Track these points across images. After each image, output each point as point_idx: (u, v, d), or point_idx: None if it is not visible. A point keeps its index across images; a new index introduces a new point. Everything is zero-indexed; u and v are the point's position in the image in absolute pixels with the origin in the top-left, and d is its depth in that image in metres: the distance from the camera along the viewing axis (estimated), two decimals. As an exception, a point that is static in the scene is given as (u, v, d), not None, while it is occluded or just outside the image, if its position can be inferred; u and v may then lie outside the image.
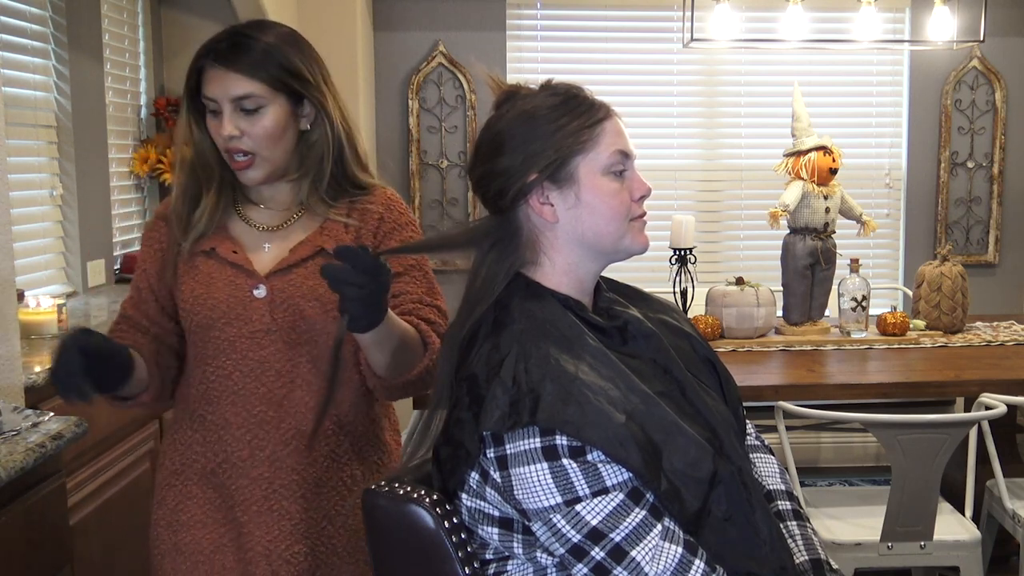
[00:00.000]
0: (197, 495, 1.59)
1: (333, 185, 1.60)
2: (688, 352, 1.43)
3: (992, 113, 4.35)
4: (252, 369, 1.55)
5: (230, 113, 1.50)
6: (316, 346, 1.56)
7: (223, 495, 1.57)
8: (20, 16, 2.88)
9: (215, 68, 1.50)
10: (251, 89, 1.50)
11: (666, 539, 1.19)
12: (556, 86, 1.36)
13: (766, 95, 4.30)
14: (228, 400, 1.56)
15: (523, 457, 1.19)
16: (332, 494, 1.59)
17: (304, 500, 1.57)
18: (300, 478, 1.57)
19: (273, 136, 1.53)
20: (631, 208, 1.35)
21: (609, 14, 4.25)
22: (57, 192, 3.10)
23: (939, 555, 2.44)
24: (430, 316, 1.58)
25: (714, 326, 3.09)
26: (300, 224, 1.60)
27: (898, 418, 2.30)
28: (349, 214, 1.60)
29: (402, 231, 1.64)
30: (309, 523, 1.57)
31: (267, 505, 1.56)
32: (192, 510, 1.58)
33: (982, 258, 4.43)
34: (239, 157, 1.52)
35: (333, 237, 1.58)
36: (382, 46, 4.18)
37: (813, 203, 3.11)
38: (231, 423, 1.56)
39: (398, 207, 1.66)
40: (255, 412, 1.56)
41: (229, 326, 1.55)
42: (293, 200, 1.62)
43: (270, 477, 1.56)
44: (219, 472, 1.57)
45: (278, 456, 1.56)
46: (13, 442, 1.60)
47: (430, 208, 4.26)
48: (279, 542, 1.56)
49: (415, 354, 1.51)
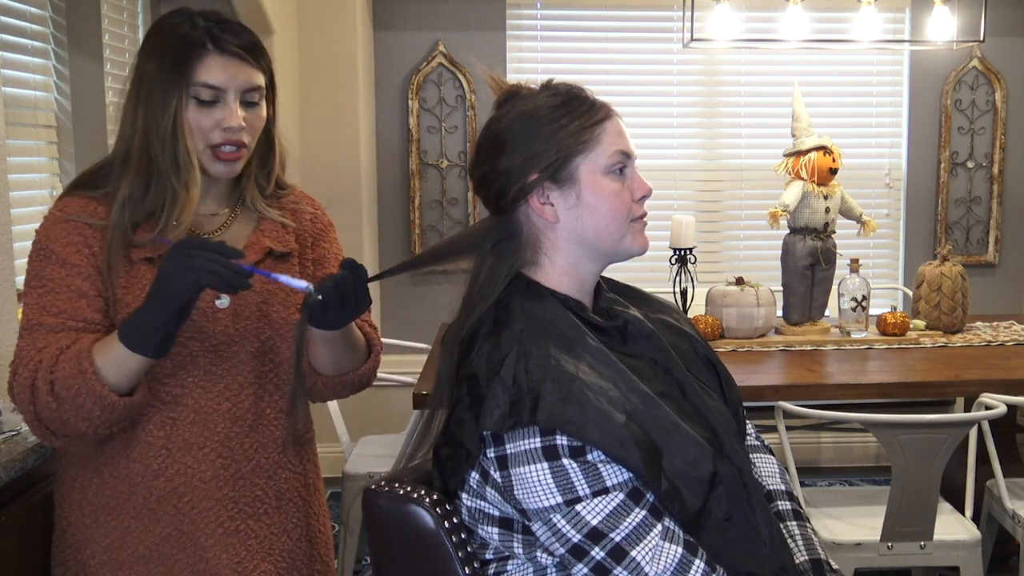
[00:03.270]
0: (135, 530, 1.44)
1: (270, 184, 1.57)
2: (688, 352, 1.43)
3: (992, 113, 4.35)
4: (215, 384, 1.46)
5: (237, 103, 1.43)
6: (279, 352, 1.51)
7: (176, 524, 1.45)
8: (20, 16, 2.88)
9: (223, 55, 1.41)
10: (260, 81, 1.46)
11: (666, 539, 1.19)
12: (557, 86, 1.37)
13: (766, 95, 4.30)
14: (189, 420, 1.44)
15: (523, 457, 1.19)
16: (290, 507, 1.56)
17: (266, 516, 1.52)
18: (263, 493, 1.51)
19: (260, 129, 1.49)
20: (632, 208, 1.35)
21: (609, 14, 4.25)
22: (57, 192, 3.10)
23: (939, 555, 2.44)
24: (368, 319, 1.60)
25: (714, 326, 3.09)
26: (236, 225, 1.53)
27: (898, 418, 2.29)
28: (282, 214, 1.57)
29: (330, 231, 1.65)
30: (271, 539, 1.52)
31: (232, 526, 1.48)
32: (132, 546, 1.44)
33: (982, 258, 4.43)
34: (229, 149, 1.44)
35: (275, 237, 1.54)
36: (382, 46, 4.18)
37: (813, 203, 3.11)
38: (192, 444, 1.44)
39: (319, 206, 1.67)
40: (218, 430, 1.46)
41: (191, 340, 1.44)
42: (228, 199, 1.54)
43: (234, 496, 1.48)
44: (172, 498, 1.44)
45: (242, 473, 1.48)
46: (13, 442, 1.60)
47: (430, 208, 4.26)
48: (246, 563, 1.48)
49: (359, 355, 1.54)
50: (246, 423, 1.49)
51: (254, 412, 1.49)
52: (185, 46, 1.40)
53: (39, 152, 3.02)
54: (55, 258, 1.41)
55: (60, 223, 1.44)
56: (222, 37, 1.41)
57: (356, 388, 1.59)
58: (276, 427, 1.52)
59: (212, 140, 1.43)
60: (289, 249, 1.55)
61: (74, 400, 1.32)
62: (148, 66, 1.42)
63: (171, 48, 1.41)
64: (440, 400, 1.33)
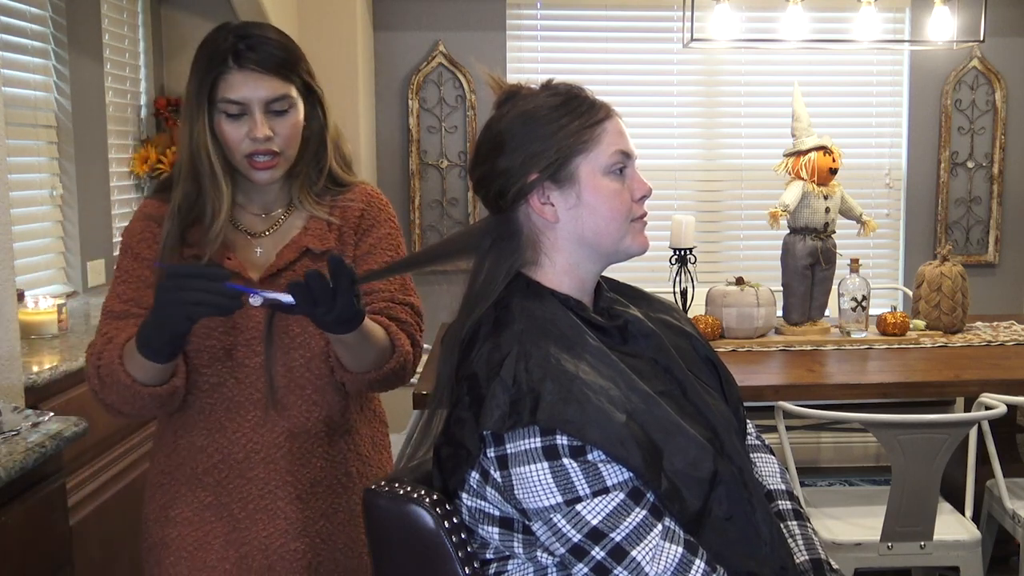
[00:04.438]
0: (185, 495, 1.60)
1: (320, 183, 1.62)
2: (689, 352, 1.43)
3: (992, 113, 4.35)
4: (247, 376, 1.56)
5: (262, 115, 1.50)
6: (309, 348, 1.57)
7: (216, 493, 1.58)
8: (20, 16, 2.88)
9: (242, 71, 1.49)
10: (285, 91, 1.52)
11: (666, 539, 1.19)
12: (557, 86, 1.36)
13: (766, 95, 4.30)
14: (222, 407, 1.57)
15: (523, 457, 1.19)
16: (328, 493, 1.61)
17: (300, 500, 1.59)
18: (295, 479, 1.59)
19: (297, 135, 1.56)
20: (632, 208, 1.35)
21: (609, 14, 4.25)
22: (57, 192, 3.10)
23: (939, 555, 2.44)
24: (401, 315, 1.60)
25: (714, 326, 3.09)
26: (287, 225, 1.62)
27: (898, 418, 2.30)
28: (331, 212, 1.62)
29: (381, 227, 1.66)
30: (306, 522, 1.59)
31: (263, 504, 1.58)
32: (179, 508, 1.60)
33: (982, 258, 4.43)
34: (262, 158, 1.52)
35: (316, 236, 1.60)
36: (382, 46, 4.18)
37: (813, 203, 3.11)
38: (226, 427, 1.57)
39: (378, 202, 1.68)
40: (249, 417, 1.57)
41: (226, 335, 1.55)
42: (279, 200, 1.62)
43: (265, 478, 1.58)
44: (213, 472, 1.58)
45: (272, 458, 1.58)
46: (13, 442, 1.60)
47: (430, 208, 4.26)
48: (275, 539, 1.58)
49: (382, 354, 1.54)
50: (277, 412, 1.57)
51: (284, 402, 1.57)
52: (212, 65, 1.50)
53: (39, 152, 3.02)
54: (130, 252, 1.58)
55: (137, 221, 1.61)
56: (244, 54, 1.49)
57: (385, 386, 1.60)
58: (307, 418, 1.59)
59: (244, 151, 1.52)
60: (327, 247, 1.60)
61: (113, 387, 1.47)
62: (190, 83, 1.53)
63: (201, 66, 1.51)
64: (440, 400, 1.33)
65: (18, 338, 2.04)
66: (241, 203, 1.61)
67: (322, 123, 1.60)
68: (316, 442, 1.60)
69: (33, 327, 2.51)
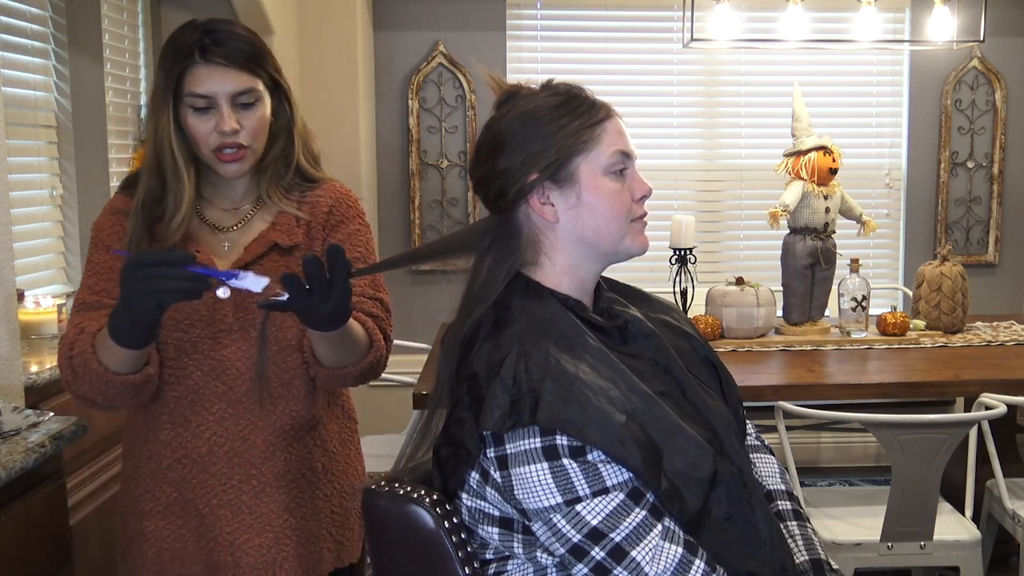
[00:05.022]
0: (153, 489, 1.61)
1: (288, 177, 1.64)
2: (688, 352, 1.43)
3: (992, 113, 4.35)
4: (213, 368, 1.57)
5: (229, 108, 1.52)
6: (278, 343, 1.58)
7: (180, 490, 1.59)
8: (20, 16, 2.88)
9: (208, 65, 1.50)
10: (251, 84, 1.54)
11: (666, 539, 1.19)
12: (557, 86, 1.37)
13: (766, 95, 4.30)
14: (187, 400, 1.58)
15: (523, 457, 1.19)
16: (292, 488, 1.62)
17: (264, 494, 1.60)
18: (259, 472, 1.60)
19: (264, 129, 1.58)
20: (632, 208, 1.35)
21: (609, 14, 4.25)
22: (57, 192, 3.10)
23: (939, 555, 2.44)
24: (373, 310, 1.61)
25: (714, 326, 3.09)
26: (255, 220, 1.63)
27: (898, 418, 2.30)
28: (300, 207, 1.63)
29: (349, 223, 1.67)
30: (269, 516, 1.60)
31: (226, 499, 1.59)
32: (151, 502, 1.61)
33: (982, 258, 4.43)
34: (230, 151, 1.54)
35: (284, 231, 1.61)
36: (382, 46, 4.18)
37: (813, 203, 3.11)
38: (190, 421, 1.58)
39: (347, 199, 1.69)
40: (214, 411, 1.58)
41: (193, 327, 1.56)
42: (248, 195, 1.64)
43: (228, 472, 1.59)
44: (177, 467, 1.59)
45: (236, 452, 1.59)
46: (13, 442, 1.60)
47: (430, 208, 4.26)
48: (239, 534, 1.59)
49: (360, 349, 1.55)
50: (242, 406, 1.58)
51: (250, 396, 1.58)
52: (178, 59, 1.52)
53: (39, 152, 3.02)
54: (101, 245, 1.60)
55: (106, 215, 1.63)
56: (211, 48, 1.51)
57: (359, 380, 1.61)
58: (272, 412, 1.60)
59: (212, 144, 1.54)
60: (295, 242, 1.61)
61: (86, 376, 1.48)
62: (156, 78, 1.56)
63: (167, 61, 1.53)
64: (440, 400, 1.33)
65: (18, 338, 2.03)
66: (209, 198, 1.63)
67: (289, 118, 1.63)
68: (281, 437, 1.61)
69: (33, 327, 2.51)
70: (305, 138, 1.67)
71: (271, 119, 1.59)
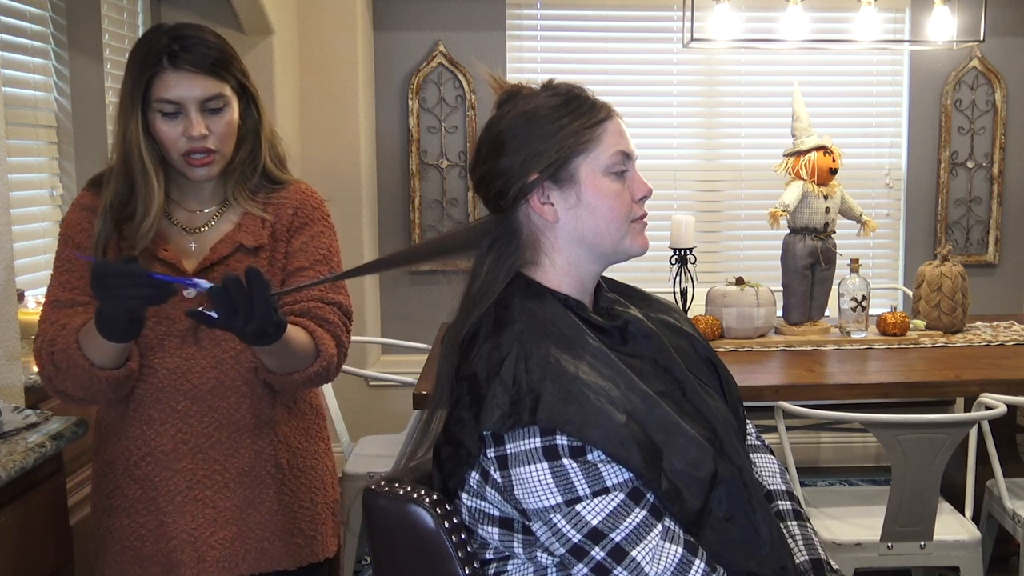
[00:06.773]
0: (120, 486, 1.64)
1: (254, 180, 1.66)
2: (688, 352, 1.43)
3: (992, 113, 4.35)
4: (178, 367, 1.59)
5: (198, 114, 1.54)
6: (238, 341, 1.59)
7: (144, 488, 1.62)
8: (20, 16, 2.88)
9: (177, 71, 1.53)
10: (220, 89, 1.56)
11: (666, 539, 1.19)
12: (557, 86, 1.37)
13: (766, 95, 4.30)
14: (152, 397, 1.60)
15: (523, 457, 1.19)
16: (256, 483, 1.65)
17: (227, 489, 1.63)
18: (223, 468, 1.63)
19: (232, 133, 1.60)
20: (632, 209, 1.35)
21: (609, 14, 4.25)
22: (57, 192, 3.10)
23: (939, 555, 2.44)
24: (328, 316, 1.62)
25: (714, 326, 3.09)
26: (221, 221, 1.66)
27: (898, 418, 2.29)
28: (265, 209, 1.66)
29: (313, 225, 1.69)
30: (233, 511, 1.63)
31: (191, 495, 1.61)
32: (119, 499, 1.64)
33: (982, 258, 4.43)
34: (199, 156, 1.56)
35: (250, 232, 1.64)
36: (382, 46, 4.18)
37: (813, 203, 3.11)
38: (154, 419, 1.60)
39: (311, 201, 1.71)
40: (178, 408, 1.60)
41: (158, 325, 1.59)
42: (214, 197, 1.66)
43: (193, 468, 1.61)
44: (141, 465, 1.61)
45: (200, 448, 1.61)
46: (13, 442, 1.60)
47: (430, 208, 4.26)
48: (203, 529, 1.62)
49: (306, 358, 1.56)
50: (205, 403, 1.61)
51: (214, 394, 1.61)
52: (146, 65, 1.54)
53: (39, 152, 3.02)
54: (71, 242, 1.62)
55: (74, 212, 1.65)
56: (179, 55, 1.53)
57: (307, 386, 1.63)
58: (235, 410, 1.62)
59: (181, 149, 1.56)
60: (259, 243, 1.64)
61: (68, 371, 1.50)
62: (124, 83, 1.58)
63: (136, 66, 1.56)
64: (440, 400, 1.33)
65: (18, 338, 2.03)
66: (176, 199, 1.65)
67: (257, 121, 1.65)
68: (244, 433, 1.63)
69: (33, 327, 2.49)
70: (272, 141, 1.69)
71: (239, 122, 1.62)
